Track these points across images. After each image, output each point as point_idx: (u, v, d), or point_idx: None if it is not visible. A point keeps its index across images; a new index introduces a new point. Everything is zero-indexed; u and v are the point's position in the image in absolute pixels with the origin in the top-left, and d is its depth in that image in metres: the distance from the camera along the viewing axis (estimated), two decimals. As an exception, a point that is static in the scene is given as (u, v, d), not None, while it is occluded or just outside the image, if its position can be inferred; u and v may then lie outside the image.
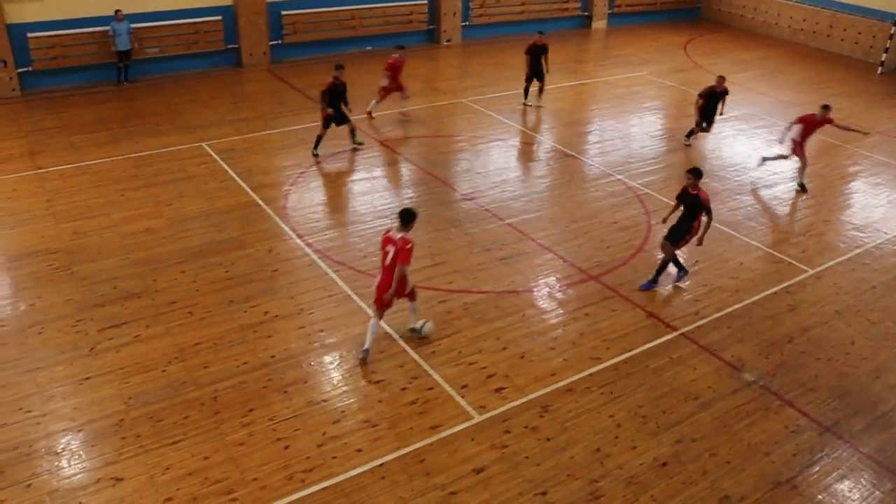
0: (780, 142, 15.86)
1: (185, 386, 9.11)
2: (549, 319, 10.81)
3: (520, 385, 9.43)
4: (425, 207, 13.62)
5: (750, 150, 17.45)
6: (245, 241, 12.32)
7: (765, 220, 14.13)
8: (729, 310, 11.29)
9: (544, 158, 16.33)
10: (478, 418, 8.86)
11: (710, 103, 16.99)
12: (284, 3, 21.38)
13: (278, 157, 15.61)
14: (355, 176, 14.93)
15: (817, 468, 8.55)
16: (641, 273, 12.03)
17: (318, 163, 15.48)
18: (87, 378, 9.17)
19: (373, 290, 9.73)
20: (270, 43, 21.43)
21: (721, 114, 17.24)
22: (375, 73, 20.66)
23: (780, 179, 15.97)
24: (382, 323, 10.32)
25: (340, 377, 9.45)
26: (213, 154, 15.41)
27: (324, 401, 9.02)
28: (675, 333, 10.65)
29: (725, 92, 17.08)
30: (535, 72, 18.72)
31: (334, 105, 15.38)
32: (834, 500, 8.14)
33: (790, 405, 9.49)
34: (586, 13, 27.74)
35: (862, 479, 8.47)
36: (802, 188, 15.48)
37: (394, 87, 17.64)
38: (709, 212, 11.19)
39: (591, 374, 9.70)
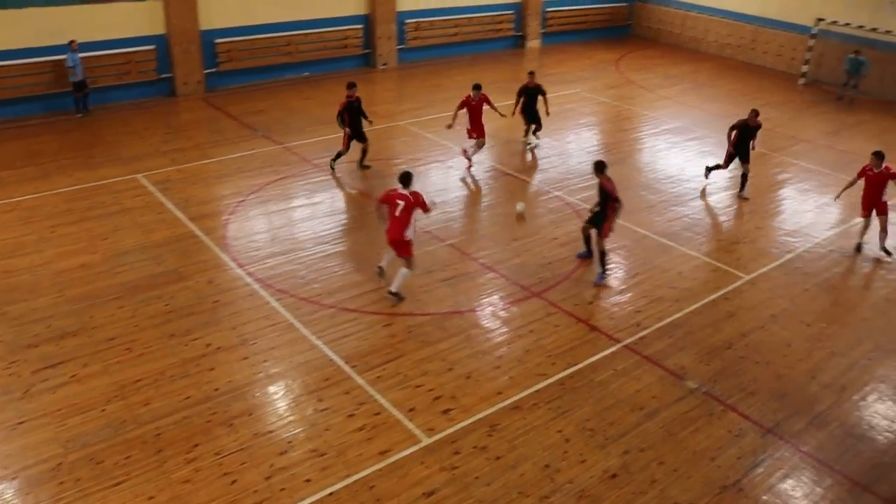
0: (836, 198, 14.57)
1: (125, 425, 8.88)
2: (493, 338, 10.86)
3: (467, 405, 9.43)
4: (365, 231, 13.62)
5: (682, 162, 17.87)
6: (184, 273, 12.12)
7: (700, 230, 14.45)
8: (670, 319, 11.50)
9: (484, 178, 16.45)
10: (426, 441, 8.83)
11: (742, 139, 15.79)
12: (218, 30, 21.23)
13: (216, 187, 15.43)
14: (295, 203, 14.82)
15: (761, 469, 8.74)
16: (583, 287, 12.20)
17: (333, 174, 16.18)
18: (21, 422, 8.87)
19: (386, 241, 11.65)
20: (205, 71, 21.24)
21: (753, 148, 15.93)
22: (314, 99, 20.76)
23: (714, 189, 16.37)
24: (327, 350, 10.31)
25: (286, 407, 9.34)
26: (148, 186, 15.16)
27: (270, 432, 8.89)
28: (619, 345, 10.80)
29: (758, 128, 15.81)
30: (531, 114, 17.91)
31: (353, 123, 15.66)
32: (778, 500, 8.33)
33: (732, 409, 9.68)
34: (520, 33, 28.14)
35: (803, 478, 8.68)
36: (887, 253, 13.87)
37: (473, 129, 16.58)
38: (616, 199, 12.08)
39: (537, 391, 9.76)
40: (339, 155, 16.05)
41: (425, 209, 11.41)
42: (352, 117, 15.68)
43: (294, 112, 19.77)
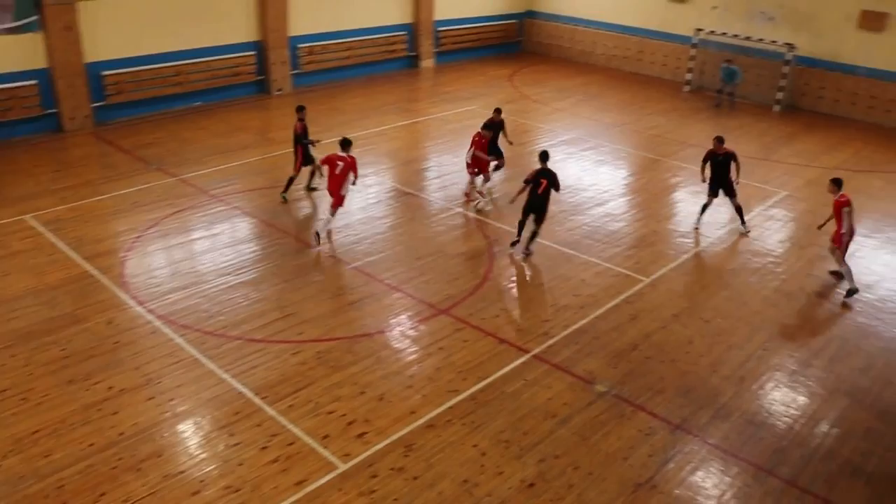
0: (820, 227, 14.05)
1: (24, 480, 8.45)
2: (403, 358, 10.86)
3: (381, 427, 9.39)
4: (269, 260, 13.43)
5: (579, 172, 18.32)
6: (81, 315, 11.65)
7: (600, 237, 14.84)
8: (576, 326, 11.75)
9: (384, 199, 16.46)
10: (343, 467, 8.75)
11: (714, 170, 15.07)
12: (105, 62, 20.60)
13: (111, 224, 14.92)
14: (194, 235, 14.48)
15: (672, 465, 9.02)
16: (489, 302, 12.34)
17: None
18: (-90, 486, 8.36)
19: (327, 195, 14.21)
20: (93, 105, 20.55)
21: (737, 182, 15.08)
22: (208, 129, 20.37)
23: (610, 197, 16.84)
24: (235, 383, 10.10)
25: (197, 445, 9.08)
26: (38, 227, 14.53)
27: (181, 472, 8.63)
28: (528, 356, 10.96)
29: (728, 156, 14.89)
30: (494, 148, 16.90)
31: (304, 144, 15.75)
32: (690, 493, 8.61)
33: (641, 409, 9.96)
34: (413, 53, 28.36)
35: (712, 469, 9.02)
36: (850, 294, 13.08)
37: (480, 165, 16.02)
38: (526, 182, 13.61)
39: (450, 407, 9.80)
40: (290, 182, 16.08)
41: (355, 174, 13.97)
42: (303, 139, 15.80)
43: (188, 143, 19.35)
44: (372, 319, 11.75)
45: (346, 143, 14.06)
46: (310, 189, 16.55)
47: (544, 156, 13.67)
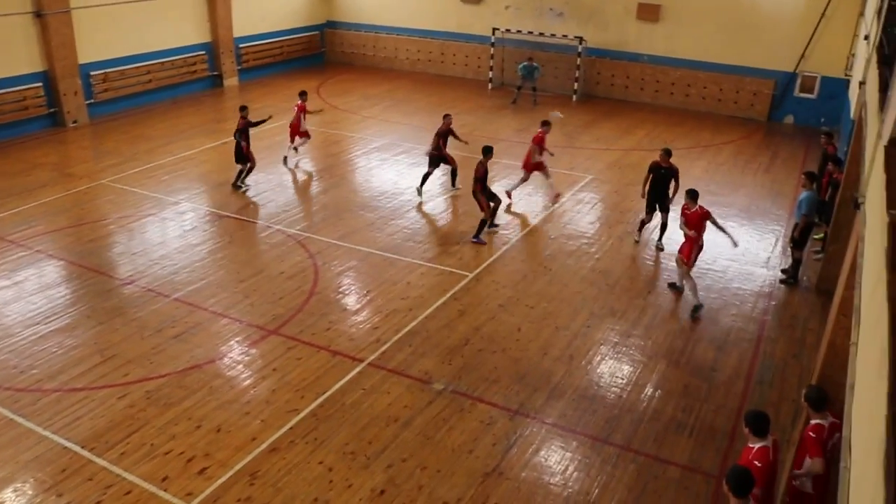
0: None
1: None
2: (237, 385, 10.56)
3: (223, 460, 9.10)
4: (82, 302, 12.63)
5: (395, 177, 18.55)
6: None
7: (420, 239, 15.11)
8: (407, 329, 11.90)
9: (200, 224, 15.93)
10: (186, 507, 8.43)
11: (655, 183, 14.60)
12: None
13: None
14: (-6, 286, 13.40)
15: (515, 450, 9.35)
16: (318, 316, 12.26)
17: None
18: None
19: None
20: None
21: (672, 195, 14.59)
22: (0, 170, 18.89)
23: (429, 197, 17.17)
24: (58, 438, 9.47)
25: (20, 512, 8.44)
26: None
27: (5, 546, 8.00)
28: (363, 364, 10.99)
29: (671, 170, 14.41)
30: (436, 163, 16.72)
31: (247, 141, 17.29)
32: (536, 473, 8.98)
33: (480, 401, 10.25)
34: (216, 73, 27.64)
35: (553, 447, 9.45)
36: (696, 311, 12.63)
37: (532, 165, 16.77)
38: (476, 180, 14.74)
39: (291, 428, 9.65)
40: (250, 171, 17.63)
41: (303, 113, 18.60)
42: (246, 135, 17.21)
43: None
44: (200, 350, 11.34)
45: (300, 94, 18.85)
46: (236, 187, 17.54)
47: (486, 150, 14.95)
